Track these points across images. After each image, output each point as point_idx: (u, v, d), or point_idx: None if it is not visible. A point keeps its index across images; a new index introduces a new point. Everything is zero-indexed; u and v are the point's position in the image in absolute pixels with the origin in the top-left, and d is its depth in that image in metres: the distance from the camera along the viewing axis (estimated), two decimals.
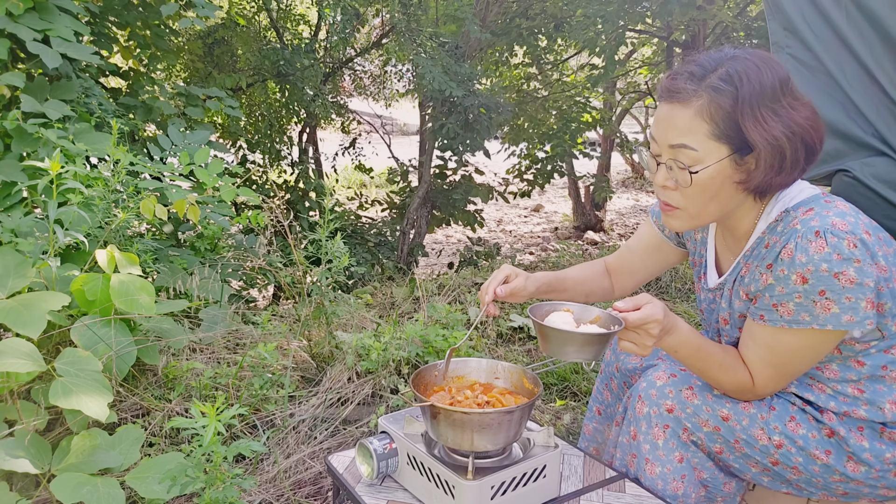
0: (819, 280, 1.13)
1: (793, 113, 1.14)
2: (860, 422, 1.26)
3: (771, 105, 1.13)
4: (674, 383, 1.35)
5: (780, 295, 1.18)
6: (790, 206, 1.22)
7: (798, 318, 1.17)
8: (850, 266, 1.12)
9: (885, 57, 1.56)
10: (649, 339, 1.19)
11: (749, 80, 1.13)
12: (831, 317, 1.15)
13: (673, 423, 1.33)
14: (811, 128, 1.15)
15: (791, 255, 1.15)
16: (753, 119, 1.12)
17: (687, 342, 1.25)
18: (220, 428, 1.21)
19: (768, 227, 1.25)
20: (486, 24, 6.34)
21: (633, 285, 1.65)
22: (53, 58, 2.66)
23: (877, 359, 1.24)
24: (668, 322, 1.21)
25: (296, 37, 7.48)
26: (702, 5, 5.76)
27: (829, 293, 1.13)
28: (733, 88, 1.12)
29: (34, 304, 1.60)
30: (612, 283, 1.66)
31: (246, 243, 3.63)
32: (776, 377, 1.26)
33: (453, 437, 1.23)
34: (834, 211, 1.16)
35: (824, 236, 1.13)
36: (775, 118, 1.13)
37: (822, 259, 1.12)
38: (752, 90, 1.12)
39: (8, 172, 2.50)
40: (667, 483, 1.33)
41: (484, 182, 7.38)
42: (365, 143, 8.22)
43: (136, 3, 3.91)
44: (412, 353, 2.43)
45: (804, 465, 1.27)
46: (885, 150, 1.58)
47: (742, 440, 1.29)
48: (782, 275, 1.17)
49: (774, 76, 1.14)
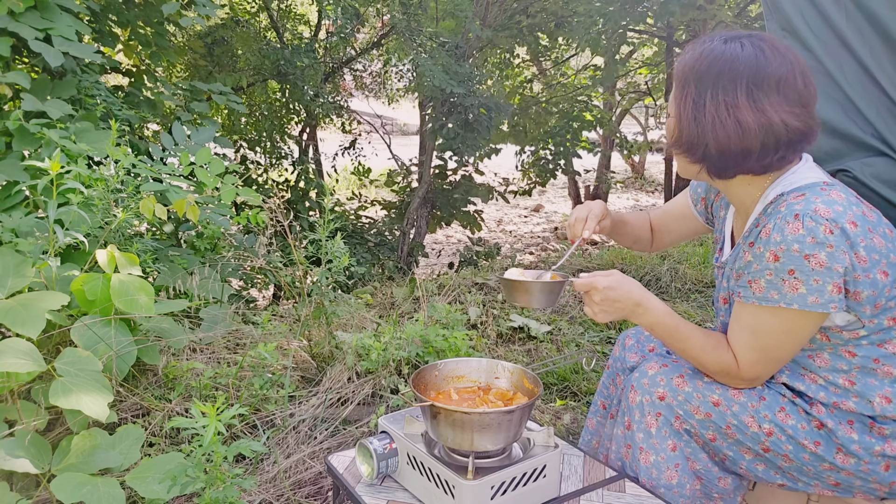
0: (789, 259, 1.17)
1: (722, 109, 1.19)
2: (850, 415, 1.27)
3: (712, 89, 1.20)
4: (665, 372, 1.39)
5: (755, 272, 1.23)
6: (787, 191, 1.25)
7: (767, 296, 1.21)
8: (823, 250, 1.15)
9: (884, 57, 1.56)
10: (593, 304, 1.35)
11: (705, 57, 1.22)
12: (798, 297, 1.18)
13: (665, 410, 1.35)
14: (734, 134, 1.19)
15: (769, 233, 1.20)
16: (681, 89, 1.25)
17: (660, 322, 1.34)
18: (221, 428, 1.21)
19: (764, 209, 1.28)
20: (487, 22, 6.34)
21: (667, 242, 1.77)
22: (55, 56, 2.66)
23: (869, 351, 1.25)
24: (622, 295, 1.33)
25: (296, 36, 7.48)
26: (702, 5, 5.76)
27: (797, 273, 1.17)
28: (688, 58, 1.25)
29: (34, 303, 1.60)
30: (651, 237, 1.77)
31: (246, 243, 3.63)
32: (760, 361, 1.28)
33: (453, 437, 1.23)
34: (823, 198, 1.18)
35: (802, 219, 1.16)
36: (697, 99, 1.22)
37: (794, 240, 1.16)
38: (700, 68, 1.22)
39: (9, 172, 2.50)
40: (661, 472, 1.35)
41: (484, 182, 7.39)
42: (365, 143, 8.22)
43: (137, 1, 3.91)
44: (412, 353, 2.43)
45: (794, 452, 1.29)
46: (885, 150, 1.58)
47: (733, 425, 1.32)
48: (759, 252, 1.22)
49: (746, 68, 1.19)
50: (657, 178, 15.03)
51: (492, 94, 6.66)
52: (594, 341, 3.23)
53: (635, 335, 1.68)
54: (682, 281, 4.28)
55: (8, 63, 2.92)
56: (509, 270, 1.49)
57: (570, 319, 3.55)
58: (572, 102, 8.02)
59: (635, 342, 1.66)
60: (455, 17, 6.72)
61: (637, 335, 1.68)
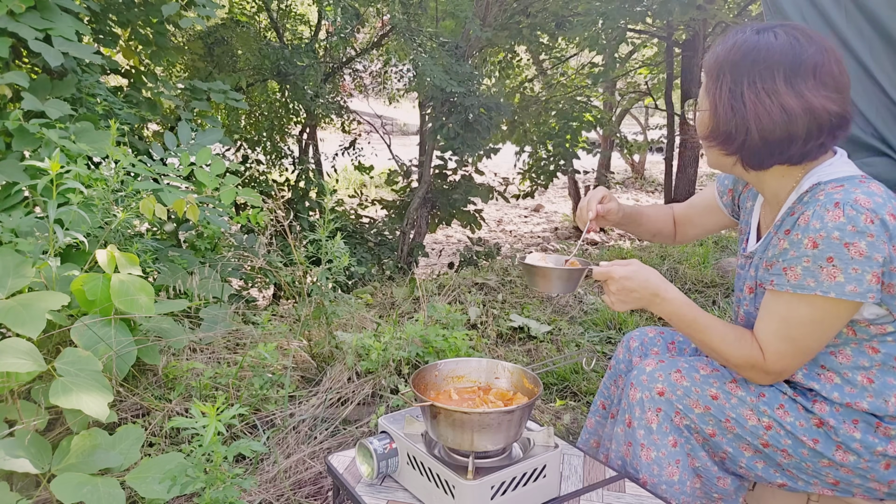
0: (829, 246, 1.15)
1: (763, 96, 1.19)
2: (858, 414, 1.26)
3: (749, 78, 1.20)
4: (662, 368, 1.39)
5: (791, 258, 1.21)
6: (823, 181, 1.24)
7: (804, 283, 1.19)
8: (863, 239, 1.14)
9: (884, 57, 1.56)
10: (610, 294, 1.37)
11: (738, 48, 1.22)
12: (835, 285, 1.16)
13: (665, 405, 1.36)
14: (780, 119, 1.19)
15: (807, 221, 1.19)
16: (715, 80, 1.24)
17: (678, 313, 1.33)
18: (221, 428, 1.21)
19: (798, 197, 1.27)
20: (487, 22, 6.34)
21: (692, 236, 1.77)
22: (55, 56, 2.66)
23: (892, 348, 1.25)
24: (638, 285, 1.33)
25: (296, 36, 7.48)
26: (702, 5, 5.76)
27: (836, 261, 1.15)
28: (720, 50, 1.25)
29: (33, 303, 1.60)
30: (674, 230, 1.78)
31: (246, 243, 3.63)
32: (788, 353, 1.25)
33: (453, 437, 1.23)
34: (863, 189, 1.18)
35: (842, 207, 1.15)
36: (734, 88, 1.21)
37: (835, 227, 1.15)
38: (734, 58, 1.22)
39: (9, 172, 2.49)
40: (662, 468, 1.35)
41: (484, 182, 7.39)
42: (365, 144, 8.22)
43: (137, 1, 3.91)
44: (412, 353, 2.43)
45: (793, 448, 1.29)
46: (885, 150, 1.58)
47: (732, 419, 1.32)
48: (796, 239, 1.20)
49: (783, 56, 1.19)
50: (657, 178, 15.03)
51: (492, 94, 6.66)
52: (594, 341, 3.23)
53: (639, 337, 1.68)
54: (682, 281, 4.28)
55: (7, 63, 2.92)
56: (531, 254, 1.51)
57: (570, 319, 3.55)
58: (572, 103, 8.02)
59: (639, 344, 1.66)
60: (455, 17, 6.73)
61: (641, 337, 1.68)
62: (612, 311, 3.55)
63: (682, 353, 1.65)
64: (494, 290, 4.12)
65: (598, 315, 3.58)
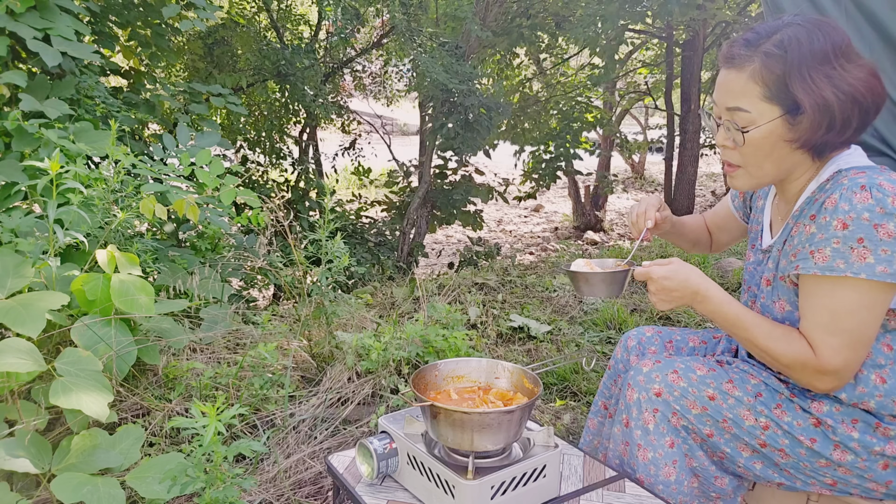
0: (859, 227, 1.15)
1: (845, 74, 1.17)
2: (858, 413, 1.26)
3: (821, 67, 1.17)
4: (659, 368, 1.39)
5: (819, 241, 1.20)
6: (844, 168, 1.24)
7: (833, 265, 1.18)
8: (892, 220, 1.14)
9: (884, 57, 1.56)
10: (651, 294, 1.36)
11: (799, 44, 1.18)
12: (865, 266, 1.15)
13: (662, 406, 1.36)
14: (865, 89, 1.18)
15: (835, 203, 1.18)
16: (801, 81, 1.17)
17: (720, 311, 1.31)
18: (221, 428, 1.21)
19: (819, 186, 1.27)
20: (487, 23, 6.34)
21: (725, 242, 1.77)
22: (53, 56, 2.66)
23: None
24: (678, 284, 1.32)
25: (296, 37, 7.48)
26: (702, 4, 5.76)
27: (866, 241, 1.15)
28: (783, 52, 1.18)
29: (33, 303, 1.60)
30: (710, 238, 1.78)
31: (246, 243, 3.63)
32: (844, 346, 1.20)
33: (453, 437, 1.23)
34: (885, 176, 1.18)
35: (870, 190, 1.16)
36: (824, 80, 1.17)
37: (864, 208, 1.15)
38: (802, 54, 1.18)
39: (8, 172, 2.49)
40: (659, 468, 1.35)
41: (484, 182, 7.38)
42: (365, 144, 8.22)
43: (136, 2, 3.91)
44: (412, 353, 2.43)
45: (791, 447, 1.29)
46: (885, 150, 1.58)
47: (729, 419, 1.32)
48: (824, 222, 1.20)
49: (826, 40, 1.18)
50: (657, 178, 15.03)
51: (492, 94, 6.66)
52: (594, 341, 3.23)
53: (637, 336, 1.68)
54: None
55: (6, 64, 2.92)
56: (575, 262, 1.52)
57: (570, 319, 3.55)
58: (572, 103, 8.02)
59: (637, 343, 1.66)
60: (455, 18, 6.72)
61: (638, 336, 1.68)
62: (612, 311, 3.55)
63: (680, 352, 1.65)
64: (494, 290, 4.12)
65: (598, 315, 3.58)
